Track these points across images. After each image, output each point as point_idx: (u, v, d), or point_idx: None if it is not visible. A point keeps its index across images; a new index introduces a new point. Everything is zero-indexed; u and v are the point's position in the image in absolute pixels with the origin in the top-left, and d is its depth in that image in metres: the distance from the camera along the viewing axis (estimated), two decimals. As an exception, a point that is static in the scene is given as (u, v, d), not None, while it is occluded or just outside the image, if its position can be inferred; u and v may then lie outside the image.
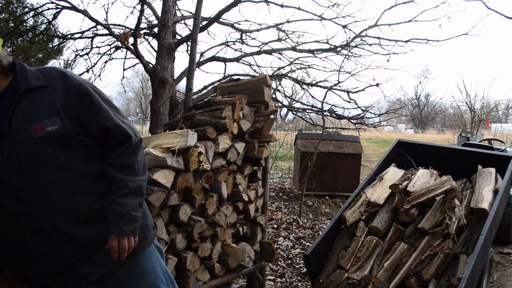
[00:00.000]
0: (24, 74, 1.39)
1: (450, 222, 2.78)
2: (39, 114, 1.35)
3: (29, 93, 1.37)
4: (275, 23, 6.79)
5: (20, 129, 1.33)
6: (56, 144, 1.36)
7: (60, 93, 1.39)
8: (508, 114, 41.36)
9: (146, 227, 1.62)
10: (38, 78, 1.40)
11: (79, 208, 1.42)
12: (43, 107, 1.36)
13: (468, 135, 11.75)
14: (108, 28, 5.92)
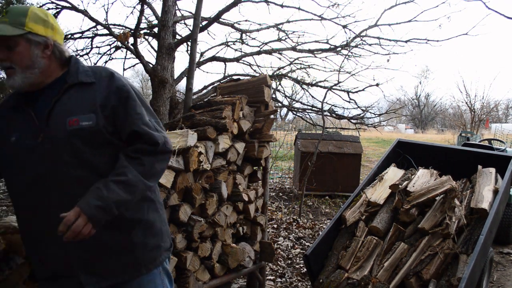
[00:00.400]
0: (76, 68, 1.46)
1: (450, 222, 2.78)
2: (77, 108, 1.39)
3: (75, 87, 1.43)
4: (275, 23, 6.80)
5: (58, 119, 1.38)
6: (86, 140, 1.38)
7: (102, 92, 1.42)
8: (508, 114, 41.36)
9: (157, 247, 1.52)
10: (87, 74, 1.45)
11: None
12: (83, 102, 1.40)
13: (468, 135, 11.75)
14: (108, 28, 5.92)
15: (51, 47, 1.43)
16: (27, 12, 1.38)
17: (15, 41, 1.36)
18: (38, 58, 1.40)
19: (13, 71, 1.38)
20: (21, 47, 1.37)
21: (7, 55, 1.37)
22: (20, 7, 1.45)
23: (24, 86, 1.40)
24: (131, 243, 1.44)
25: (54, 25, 1.46)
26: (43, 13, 1.44)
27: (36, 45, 1.39)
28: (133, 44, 5.80)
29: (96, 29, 6.68)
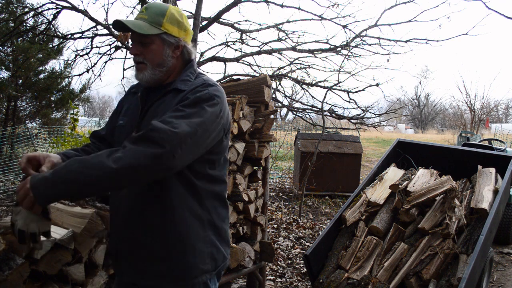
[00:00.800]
0: (183, 75, 1.49)
1: (450, 222, 2.78)
2: (160, 112, 1.41)
3: (173, 92, 1.46)
4: (275, 23, 6.80)
5: (147, 119, 1.43)
6: None
7: (182, 97, 1.41)
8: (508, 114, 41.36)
9: (192, 267, 1.43)
10: (185, 84, 1.46)
11: (145, 207, 1.42)
12: (166, 107, 1.42)
13: (468, 135, 11.75)
14: (108, 28, 5.92)
15: (181, 48, 1.49)
16: (166, 12, 1.44)
17: (151, 39, 1.42)
18: (168, 57, 1.46)
19: (144, 66, 1.45)
20: (155, 45, 1.43)
21: (141, 50, 1.44)
22: (160, 5, 1.48)
23: (150, 81, 1.47)
24: (166, 254, 1.42)
25: (187, 26, 1.51)
26: (179, 14, 1.49)
27: (168, 45, 1.45)
28: (133, 44, 5.79)
29: (96, 29, 6.68)
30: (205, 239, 1.47)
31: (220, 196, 1.53)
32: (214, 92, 1.41)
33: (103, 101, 50.05)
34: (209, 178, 1.47)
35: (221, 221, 1.53)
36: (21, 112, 9.27)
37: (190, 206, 1.43)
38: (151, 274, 1.43)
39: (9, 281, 1.52)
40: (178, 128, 1.26)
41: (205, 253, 1.46)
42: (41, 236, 1.31)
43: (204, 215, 1.47)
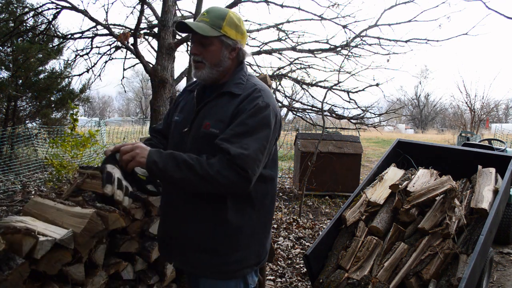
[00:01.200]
0: (235, 78, 1.59)
1: (450, 222, 2.78)
2: (215, 115, 1.53)
3: (227, 94, 1.55)
4: (275, 23, 6.80)
5: (200, 119, 1.55)
6: (210, 143, 1.48)
7: (239, 104, 1.50)
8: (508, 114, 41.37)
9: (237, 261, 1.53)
10: (239, 87, 1.56)
11: (202, 204, 1.52)
12: (220, 110, 1.53)
13: (468, 135, 11.75)
14: (108, 28, 5.92)
15: (237, 50, 1.59)
16: (225, 16, 1.55)
17: (211, 40, 1.53)
18: (225, 58, 1.57)
19: (203, 65, 1.55)
20: (215, 46, 1.54)
21: (201, 51, 1.55)
22: (220, 9, 1.58)
23: (207, 80, 1.58)
24: (215, 247, 1.52)
25: (243, 30, 1.61)
26: (237, 19, 1.59)
27: (226, 47, 1.56)
28: (133, 44, 5.80)
29: (96, 29, 6.68)
30: (253, 236, 1.57)
31: (271, 195, 1.63)
32: (267, 98, 1.52)
33: (103, 101, 50.06)
34: (261, 178, 1.53)
35: (268, 219, 1.64)
36: (21, 112, 9.27)
37: (242, 206, 1.53)
38: (199, 264, 1.53)
39: (9, 281, 1.52)
40: (249, 149, 1.41)
41: (252, 250, 1.56)
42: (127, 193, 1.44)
43: (254, 213, 1.56)
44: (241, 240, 1.53)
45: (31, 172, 7.25)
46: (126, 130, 18.14)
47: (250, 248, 1.56)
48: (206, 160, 1.41)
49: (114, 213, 1.90)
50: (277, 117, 1.55)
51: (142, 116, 35.93)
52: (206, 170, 1.38)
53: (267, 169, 1.57)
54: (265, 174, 1.56)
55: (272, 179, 1.61)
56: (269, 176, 1.59)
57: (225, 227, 1.50)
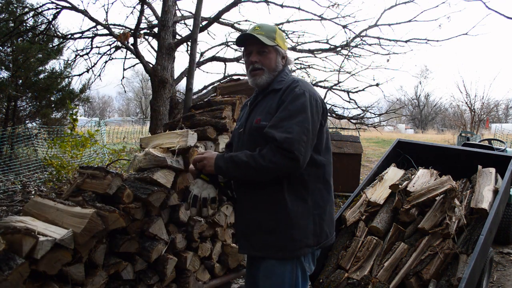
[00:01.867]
0: (279, 77, 1.81)
1: (450, 222, 2.78)
2: (262, 110, 1.75)
3: (272, 92, 1.78)
4: (275, 23, 6.79)
5: (252, 117, 1.78)
6: (262, 135, 1.66)
7: (280, 96, 1.71)
8: (508, 114, 41.36)
9: (295, 240, 1.67)
10: (281, 83, 1.77)
11: (259, 191, 1.70)
12: (267, 105, 1.75)
13: (468, 135, 11.75)
14: (108, 28, 5.92)
15: (286, 58, 1.88)
16: (276, 30, 1.83)
17: (269, 49, 1.80)
18: (279, 64, 1.84)
19: (262, 71, 1.80)
20: (271, 54, 1.81)
21: (260, 59, 1.80)
22: (269, 25, 1.86)
23: (265, 84, 1.81)
24: (273, 227, 1.68)
25: (286, 42, 1.91)
26: (281, 32, 1.89)
27: (279, 54, 1.83)
28: (133, 44, 5.80)
29: (96, 29, 6.69)
30: (309, 217, 1.71)
31: (323, 179, 1.77)
32: (304, 86, 1.71)
33: (103, 101, 50.05)
34: (313, 162, 1.70)
35: (324, 202, 1.77)
36: (21, 112, 9.27)
37: (296, 188, 1.69)
38: (260, 245, 1.70)
39: (9, 281, 1.52)
40: (292, 132, 1.58)
41: (309, 229, 1.70)
42: (209, 202, 1.74)
43: (309, 196, 1.71)
44: (296, 219, 1.68)
45: (31, 172, 7.25)
46: (126, 130, 18.15)
47: (306, 228, 1.70)
48: (258, 153, 1.61)
49: (114, 213, 1.90)
50: (317, 101, 1.71)
51: (142, 116, 35.92)
52: (259, 162, 1.59)
53: (320, 155, 1.74)
54: (317, 159, 1.72)
55: (324, 165, 1.76)
56: (321, 161, 1.74)
57: (281, 208, 1.67)
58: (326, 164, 1.78)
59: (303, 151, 1.60)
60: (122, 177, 2.15)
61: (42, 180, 6.78)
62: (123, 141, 16.04)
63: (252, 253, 1.77)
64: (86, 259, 1.84)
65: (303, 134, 1.61)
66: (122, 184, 2.11)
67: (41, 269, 1.65)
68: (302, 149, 1.59)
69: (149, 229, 2.16)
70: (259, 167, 1.59)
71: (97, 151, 8.70)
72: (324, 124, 1.78)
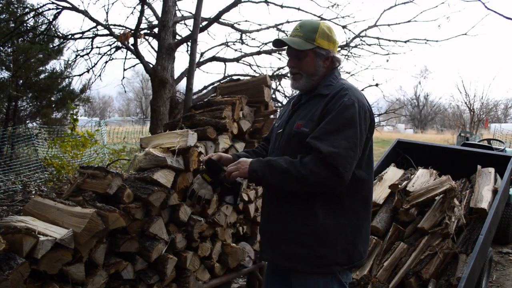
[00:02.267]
0: (326, 81, 1.69)
1: (450, 222, 2.78)
2: (305, 115, 1.65)
3: (318, 96, 1.67)
4: (275, 24, 6.82)
5: (293, 120, 1.70)
6: (301, 142, 1.59)
7: (326, 103, 1.59)
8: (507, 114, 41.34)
9: (324, 257, 1.59)
10: (329, 88, 1.65)
11: (290, 198, 1.62)
12: (310, 111, 1.65)
13: (467, 135, 11.74)
14: (109, 28, 5.93)
15: (330, 59, 1.71)
16: (318, 29, 1.66)
17: (305, 53, 1.67)
18: (320, 68, 1.69)
19: (300, 76, 1.70)
20: (309, 58, 1.67)
21: (297, 63, 1.69)
22: (312, 23, 1.71)
23: (304, 89, 1.72)
24: (303, 241, 1.60)
25: (335, 39, 1.71)
26: (328, 29, 1.70)
27: (320, 57, 1.68)
28: (133, 44, 5.81)
29: (97, 30, 6.69)
30: (341, 234, 1.60)
31: (361, 196, 1.65)
32: (353, 95, 1.58)
33: (104, 101, 50.01)
34: (352, 176, 1.55)
35: (360, 219, 1.65)
36: (21, 112, 9.27)
37: (330, 202, 1.59)
38: (288, 256, 1.63)
39: (10, 281, 1.53)
40: (339, 147, 1.48)
41: (340, 247, 1.60)
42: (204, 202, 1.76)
43: (343, 213, 1.61)
44: (328, 237, 1.59)
45: (32, 172, 7.26)
46: (126, 130, 18.15)
47: (337, 246, 1.59)
48: (299, 161, 1.52)
49: (114, 213, 1.91)
50: (366, 113, 1.59)
51: (142, 116, 35.91)
52: (299, 171, 1.50)
53: (361, 169, 1.62)
54: (357, 173, 1.59)
55: (363, 180, 1.63)
56: (361, 176, 1.62)
57: (313, 224, 1.58)
58: (366, 179, 1.65)
59: (348, 168, 1.49)
60: (122, 177, 2.15)
61: (43, 180, 6.78)
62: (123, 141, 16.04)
63: (277, 262, 1.71)
64: (87, 259, 1.84)
65: (350, 150, 1.50)
66: (122, 184, 2.11)
67: (42, 268, 1.65)
68: (348, 165, 1.49)
69: (149, 229, 2.16)
70: (299, 176, 1.50)
71: (97, 151, 8.70)
72: (370, 136, 1.66)
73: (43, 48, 7.97)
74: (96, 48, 7.09)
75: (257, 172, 1.58)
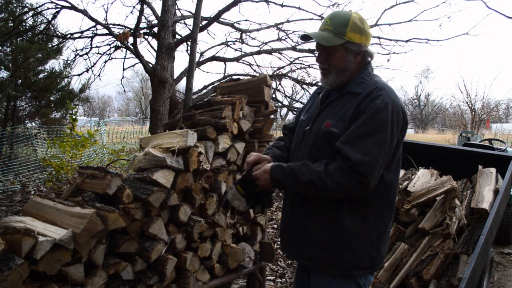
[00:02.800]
0: (359, 78, 1.60)
1: (451, 222, 2.77)
2: (336, 114, 1.57)
3: (349, 94, 1.59)
4: (275, 23, 6.80)
5: (321, 118, 1.62)
6: (329, 142, 1.54)
7: (360, 103, 1.51)
8: (508, 114, 41.38)
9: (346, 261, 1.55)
10: (361, 86, 1.57)
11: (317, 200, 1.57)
12: (341, 110, 1.57)
13: (468, 135, 11.75)
14: (108, 27, 5.92)
15: (362, 53, 1.61)
16: (348, 22, 1.55)
17: (335, 49, 1.57)
18: (350, 63, 1.60)
19: (329, 72, 1.61)
20: (339, 53, 1.58)
21: (326, 59, 1.61)
22: (343, 15, 1.59)
23: (334, 85, 1.64)
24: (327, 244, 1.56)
25: (368, 31, 1.61)
26: (361, 21, 1.59)
27: (351, 52, 1.59)
28: (133, 44, 5.80)
29: (96, 29, 6.68)
30: (366, 239, 1.56)
31: (388, 199, 1.60)
32: (387, 96, 1.50)
33: (103, 101, 50.04)
34: (380, 180, 1.52)
35: (385, 223, 1.61)
36: (20, 112, 9.26)
37: (357, 206, 1.54)
38: (309, 256, 1.62)
39: (9, 281, 1.52)
40: (369, 154, 1.42)
41: (364, 252, 1.56)
42: (237, 213, 1.73)
43: (369, 217, 1.56)
44: (353, 241, 1.55)
45: (31, 172, 7.25)
46: (126, 130, 18.15)
47: (361, 250, 1.56)
48: (324, 170, 1.46)
49: (114, 213, 1.90)
50: (399, 115, 1.52)
51: (142, 116, 35.92)
52: (325, 182, 1.45)
53: (390, 172, 1.58)
54: (386, 177, 1.55)
55: (391, 184, 1.59)
56: (389, 179, 1.58)
57: (337, 224, 1.54)
58: (394, 183, 1.61)
59: (376, 176, 1.45)
60: (121, 177, 2.14)
61: (42, 180, 6.77)
62: (122, 141, 16.04)
63: (299, 261, 1.71)
64: (86, 259, 1.83)
65: (380, 157, 1.45)
66: (122, 184, 2.10)
67: (41, 269, 1.64)
68: (376, 173, 1.45)
69: (148, 229, 2.15)
70: (324, 187, 1.45)
71: (96, 151, 8.69)
72: (402, 139, 1.61)
73: (42, 47, 7.96)
74: (95, 47, 7.09)
75: (280, 182, 1.55)
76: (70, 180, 5.50)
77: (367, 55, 1.64)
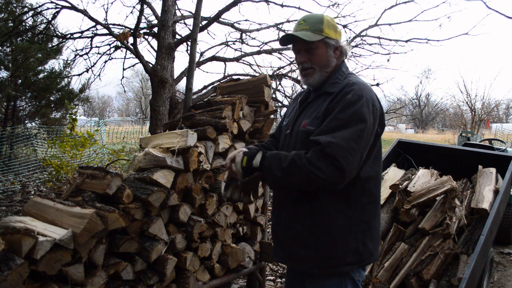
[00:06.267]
0: (333, 78, 1.64)
1: (451, 222, 2.77)
2: (311, 114, 1.62)
3: (324, 94, 1.62)
4: (275, 23, 6.80)
5: (300, 119, 1.67)
6: (306, 141, 1.56)
7: (331, 100, 1.55)
8: (508, 114, 41.38)
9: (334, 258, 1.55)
10: (335, 86, 1.60)
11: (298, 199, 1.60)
12: (316, 109, 1.61)
13: (468, 135, 11.75)
14: (108, 27, 5.92)
15: (340, 48, 1.67)
16: (323, 20, 1.63)
17: (316, 45, 1.62)
18: (331, 58, 1.65)
19: (313, 70, 1.64)
20: (320, 49, 1.63)
21: (308, 57, 1.64)
22: (315, 15, 1.67)
23: (318, 83, 1.66)
24: (311, 242, 1.57)
25: (338, 28, 1.68)
26: (331, 19, 1.67)
27: (330, 47, 1.64)
28: (133, 43, 5.80)
29: (96, 29, 6.68)
30: (350, 234, 1.56)
31: (369, 192, 1.60)
32: (359, 90, 1.51)
33: (103, 101, 50.06)
34: (359, 176, 1.53)
35: (369, 217, 1.61)
36: (20, 112, 9.26)
37: (337, 201, 1.55)
38: (297, 258, 1.61)
39: (9, 281, 1.52)
40: (338, 137, 1.41)
41: (349, 247, 1.56)
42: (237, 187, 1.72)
43: (351, 211, 1.56)
44: (336, 237, 1.55)
45: (31, 172, 7.25)
46: (126, 130, 18.15)
47: (346, 246, 1.56)
48: (304, 154, 1.47)
49: (114, 213, 1.90)
50: (374, 106, 1.51)
51: (142, 116, 35.91)
52: (303, 162, 1.43)
53: (366, 165, 1.55)
54: (363, 170, 1.54)
55: (369, 177, 1.58)
56: (367, 172, 1.57)
57: (320, 222, 1.55)
58: (373, 176, 1.60)
59: (350, 160, 1.41)
60: (121, 177, 2.14)
61: (42, 180, 6.77)
62: (122, 141, 16.04)
63: (287, 264, 1.70)
64: (86, 259, 1.83)
65: (352, 141, 1.42)
66: (122, 184, 2.10)
67: (41, 269, 1.64)
68: (349, 157, 1.40)
69: (149, 229, 2.15)
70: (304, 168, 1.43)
71: (96, 151, 8.69)
72: (381, 132, 1.58)
73: (42, 47, 7.96)
74: (95, 47, 7.08)
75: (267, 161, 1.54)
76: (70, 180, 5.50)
77: (343, 51, 1.68)
